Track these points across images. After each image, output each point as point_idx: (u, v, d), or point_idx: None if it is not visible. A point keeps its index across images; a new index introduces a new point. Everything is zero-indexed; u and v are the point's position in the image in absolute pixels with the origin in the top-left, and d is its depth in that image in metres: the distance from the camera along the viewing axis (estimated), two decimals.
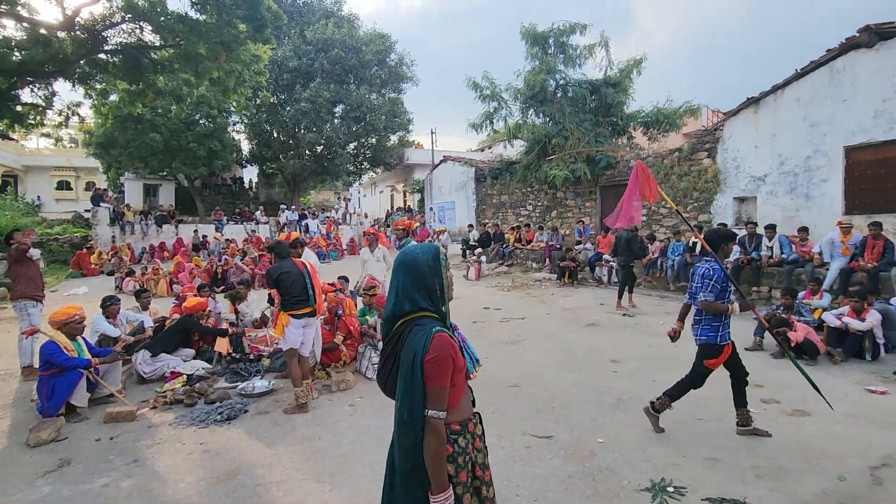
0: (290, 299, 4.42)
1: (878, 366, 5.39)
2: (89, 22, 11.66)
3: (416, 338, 1.57)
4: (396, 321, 1.67)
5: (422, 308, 1.65)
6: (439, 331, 1.58)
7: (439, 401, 1.54)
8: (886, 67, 7.93)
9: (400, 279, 1.68)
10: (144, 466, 3.49)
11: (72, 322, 4.50)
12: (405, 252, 1.72)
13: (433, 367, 1.52)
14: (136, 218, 18.74)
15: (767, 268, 8.49)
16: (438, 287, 1.70)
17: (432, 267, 1.69)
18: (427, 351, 1.53)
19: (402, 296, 1.66)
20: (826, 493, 2.93)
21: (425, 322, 1.62)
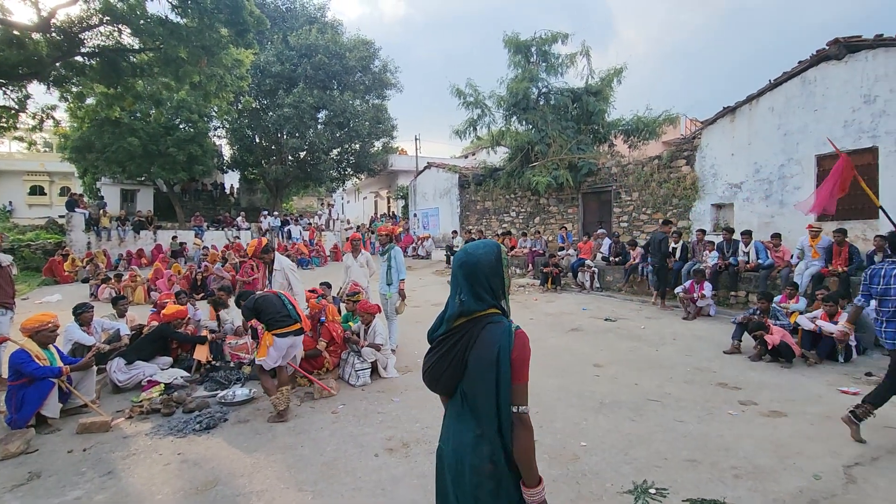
0: (273, 319, 4.31)
1: (850, 367, 5.56)
2: (65, 24, 11.44)
3: (495, 334, 1.57)
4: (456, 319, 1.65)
5: (491, 305, 1.64)
6: (518, 328, 1.59)
7: (525, 396, 1.55)
8: (855, 79, 8.24)
9: (464, 278, 1.65)
10: (119, 478, 3.39)
11: (44, 330, 4.36)
12: (467, 251, 1.70)
13: (520, 364, 1.54)
14: (112, 224, 18.31)
15: (744, 273, 8.68)
16: (502, 286, 1.70)
17: (495, 266, 1.68)
18: (513, 347, 1.54)
19: (469, 296, 1.63)
20: (802, 491, 2.99)
21: (499, 319, 1.62)
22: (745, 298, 8.65)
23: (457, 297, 1.65)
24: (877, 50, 7.94)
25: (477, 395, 1.58)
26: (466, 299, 1.63)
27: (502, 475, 1.55)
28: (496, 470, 1.54)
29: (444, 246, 17.77)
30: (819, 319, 5.82)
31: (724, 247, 9.09)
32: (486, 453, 1.55)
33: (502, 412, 1.53)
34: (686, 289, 8.34)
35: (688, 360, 5.85)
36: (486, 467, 1.55)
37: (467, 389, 1.60)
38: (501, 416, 1.54)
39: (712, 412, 4.27)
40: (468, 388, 1.60)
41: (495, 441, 1.55)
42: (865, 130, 8.13)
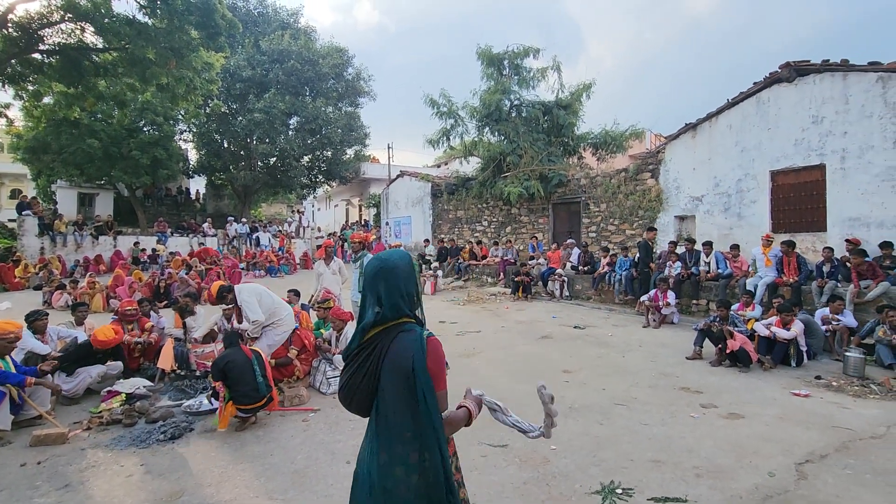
0: (240, 394, 4.12)
1: (802, 371, 5.87)
2: (24, 19, 10.98)
3: (407, 344, 1.52)
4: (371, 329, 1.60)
5: (404, 314, 1.60)
6: (431, 334, 1.57)
7: (446, 401, 1.56)
8: (804, 100, 8.78)
9: (381, 287, 1.61)
10: (77, 491, 3.25)
11: (3, 339, 4.15)
12: (383, 259, 1.66)
13: (435, 371, 1.51)
14: (69, 229, 17.50)
15: (705, 282, 9.06)
16: (416, 292, 1.67)
17: (409, 273, 1.65)
18: (427, 356, 1.50)
19: (386, 304, 1.59)
20: (758, 488, 3.15)
21: (411, 327, 1.58)
22: (706, 306, 9.01)
23: (373, 307, 1.61)
24: (823, 74, 8.50)
25: (390, 411, 1.51)
26: (384, 308, 1.59)
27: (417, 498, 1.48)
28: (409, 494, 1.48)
29: (417, 254, 17.77)
30: (774, 326, 6.12)
31: (687, 257, 9.47)
32: (399, 475, 1.48)
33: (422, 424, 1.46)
34: (651, 297, 8.62)
35: (652, 366, 6.05)
36: (400, 490, 1.48)
37: (381, 405, 1.53)
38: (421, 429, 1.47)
39: (675, 415, 4.43)
40: (381, 403, 1.53)
41: (411, 460, 1.48)
42: (814, 149, 8.67)
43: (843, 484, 3.19)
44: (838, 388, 5.22)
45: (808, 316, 6.59)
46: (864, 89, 7.98)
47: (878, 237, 7.64)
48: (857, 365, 5.58)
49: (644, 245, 10.02)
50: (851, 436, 3.94)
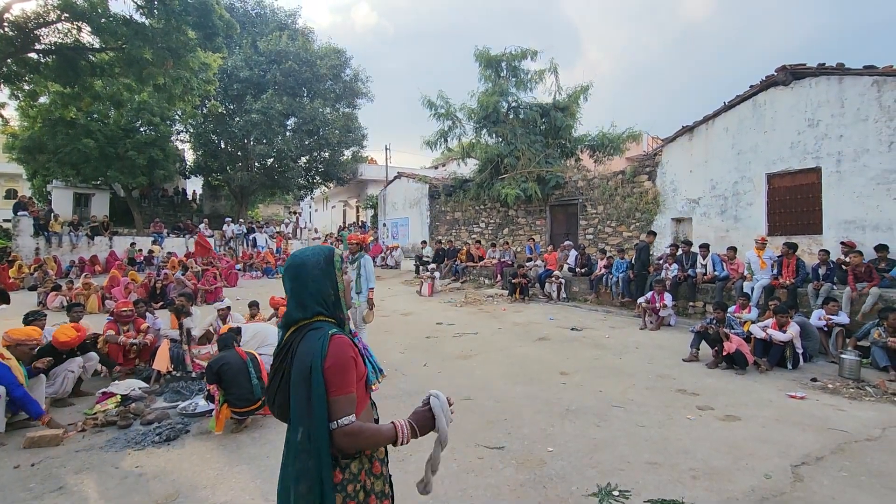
0: (235, 397, 4.08)
1: (798, 373, 5.88)
2: (20, 19, 10.94)
3: (311, 343, 1.41)
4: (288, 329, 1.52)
5: (316, 313, 1.51)
6: (337, 332, 1.45)
7: (349, 407, 1.38)
8: (800, 104, 8.83)
9: (289, 284, 1.54)
10: (71, 493, 3.23)
11: (25, 345, 4.17)
12: (293, 255, 1.60)
13: (336, 373, 1.37)
14: (64, 229, 17.42)
15: (702, 284, 9.08)
16: (333, 292, 1.56)
17: (325, 270, 1.55)
18: (326, 356, 1.38)
19: (293, 302, 1.52)
20: (754, 490, 3.15)
21: (320, 325, 1.48)
22: (702, 309, 9.03)
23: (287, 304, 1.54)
24: (819, 78, 8.55)
25: (293, 417, 1.40)
26: (290, 307, 1.52)
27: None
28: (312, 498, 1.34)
29: (414, 256, 17.77)
30: (770, 328, 6.14)
31: (684, 259, 9.49)
32: (303, 491, 1.35)
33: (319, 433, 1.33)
34: (648, 299, 8.64)
35: (649, 368, 6.06)
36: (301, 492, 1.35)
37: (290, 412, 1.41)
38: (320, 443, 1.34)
39: (672, 417, 4.44)
40: (291, 409, 1.41)
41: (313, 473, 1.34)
42: (810, 152, 8.71)
43: (838, 486, 3.20)
44: (834, 390, 5.24)
45: (803, 318, 6.62)
46: (859, 93, 8.03)
47: (873, 240, 7.68)
48: (852, 367, 5.60)
49: (643, 248, 10.05)
50: (847, 438, 3.96)
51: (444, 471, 3.42)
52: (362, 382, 1.50)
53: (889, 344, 5.74)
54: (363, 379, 1.51)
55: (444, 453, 1.63)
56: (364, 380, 1.52)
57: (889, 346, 5.75)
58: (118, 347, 5.73)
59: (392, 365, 6.27)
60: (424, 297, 12.52)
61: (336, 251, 1.65)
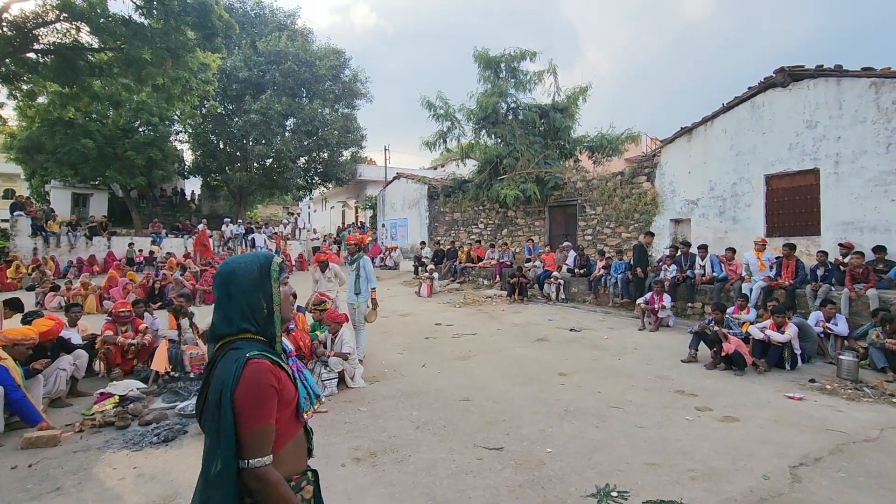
0: None
1: (796, 374, 5.89)
2: (19, 19, 10.93)
3: (227, 365, 1.28)
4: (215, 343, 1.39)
5: (242, 330, 1.36)
6: (256, 356, 1.29)
7: (262, 443, 1.24)
8: (798, 105, 8.85)
9: (216, 294, 1.40)
10: (69, 495, 3.22)
11: (22, 344, 4.14)
12: (224, 262, 1.47)
13: (247, 404, 1.22)
14: (62, 229, 17.38)
15: (700, 285, 9.09)
16: (266, 305, 1.40)
17: (257, 280, 1.40)
18: (238, 382, 1.23)
19: (218, 314, 1.39)
20: (752, 490, 3.16)
21: (242, 345, 1.33)
22: (701, 309, 9.04)
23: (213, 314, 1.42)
24: (817, 79, 8.57)
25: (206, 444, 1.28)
26: (215, 318, 1.39)
27: None
28: None
29: (413, 257, 17.77)
30: (768, 329, 6.15)
31: (682, 260, 9.50)
32: None
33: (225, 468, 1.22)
34: (647, 300, 8.65)
35: (648, 369, 6.06)
36: None
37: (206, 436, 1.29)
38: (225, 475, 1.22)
39: (671, 418, 4.44)
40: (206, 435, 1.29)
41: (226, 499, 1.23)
42: (808, 153, 8.73)
43: (837, 487, 3.20)
44: (832, 391, 5.25)
45: (802, 319, 6.62)
46: (857, 94, 8.05)
47: (871, 241, 7.70)
48: (850, 368, 5.61)
49: (639, 248, 10.06)
50: (845, 439, 3.96)
51: (443, 471, 3.42)
52: (290, 409, 1.35)
53: (887, 345, 5.75)
54: (291, 405, 1.35)
55: (443, 454, 1.59)
56: (292, 406, 1.36)
57: (887, 347, 5.76)
58: (116, 348, 5.72)
59: (391, 366, 6.27)
60: (423, 297, 12.52)
61: (275, 259, 1.48)
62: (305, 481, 1.40)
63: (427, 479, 3.33)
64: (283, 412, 1.32)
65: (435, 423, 4.31)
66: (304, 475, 1.41)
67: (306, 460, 1.45)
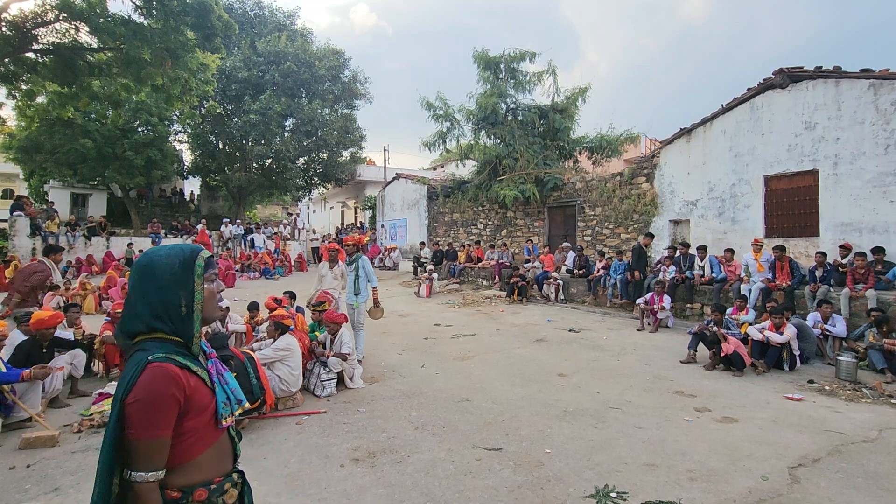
0: None
1: (795, 375, 5.90)
2: (18, 18, 10.91)
3: (128, 368, 1.20)
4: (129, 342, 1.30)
5: (153, 328, 1.26)
6: (158, 359, 1.19)
7: (149, 457, 1.15)
8: (797, 106, 8.86)
9: (130, 287, 1.30)
10: (67, 495, 3.21)
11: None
12: (143, 254, 1.35)
13: (138, 412, 1.14)
14: (61, 229, 17.36)
15: (699, 286, 9.10)
16: (184, 302, 1.29)
17: (177, 275, 1.29)
18: (131, 389, 1.15)
19: (128, 309, 1.29)
20: (751, 491, 3.16)
21: (149, 347, 1.23)
22: (700, 310, 9.05)
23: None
24: (816, 81, 8.58)
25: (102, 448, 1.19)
26: (124, 314, 1.29)
27: None
28: None
29: (412, 257, 17.77)
30: (767, 330, 6.16)
31: (682, 261, 9.51)
32: None
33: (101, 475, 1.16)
34: (647, 300, 8.65)
35: (647, 370, 6.06)
36: None
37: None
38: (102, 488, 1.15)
39: (669, 419, 4.44)
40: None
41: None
42: (807, 154, 8.74)
43: (835, 487, 3.21)
44: (831, 392, 5.26)
45: (800, 320, 6.63)
46: (855, 96, 8.06)
47: (869, 242, 7.71)
48: (849, 369, 5.61)
49: (637, 249, 10.06)
50: (844, 439, 3.97)
51: (442, 472, 3.42)
52: (204, 417, 1.26)
53: (886, 346, 5.76)
54: (205, 413, 1.27)
55: (442, 455, 1.58)
56: (207, 413, 1.27)
57: (886, 348, 5.77)
58: (115, 348, 5.71)
59: (390, 366, 6.27)
60: (422, 298, 12.52)
61: (202, 253, 1.36)
62: (229, 483, 1.32)
63: (426, 479, 3.33)
64: (198, 418, 1.25)
65: (434, 424, 4.31)
66: (227, 477, 1.33)
67: (231, 463, 1.37)
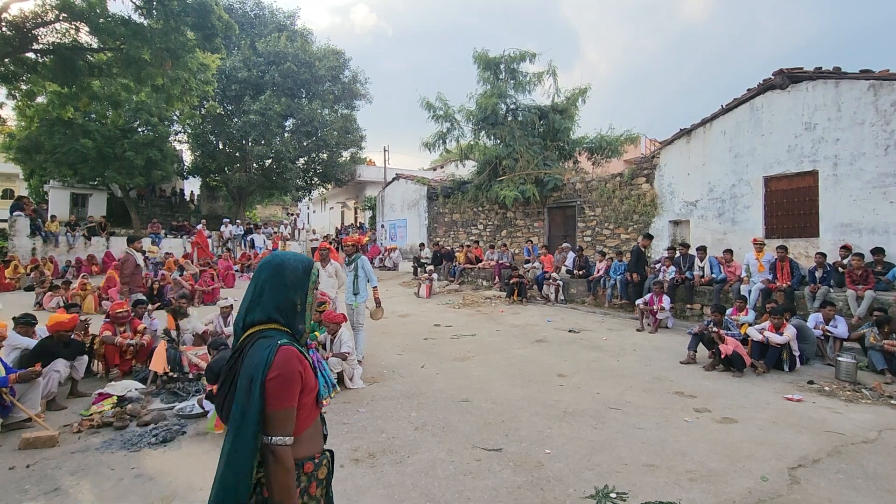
0: None
1: (795, 376, 5.90)
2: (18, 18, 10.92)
3: (259, 352, 1.38)
4: (242, 332, 1.48)
5: (273, 320, 1.47)
6: (286, 343, 1.40)
7: (285, 424, 1.34)
8: (797, 107, 8.86)
9: (259, 281, 1.49)
10: (67, 495, 3.21)
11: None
12: (274, 254, 1.57)
13: (277, 386, 1.33)
14: (61, 229, 17.36)
15: (699, 286, 9.10)
16: (300, 302, 1.53)
17: (299, 278, 1.52)
18: (270, 367, 1.34)
19: (254, 301, 1.48)
20: (751, 492, 3.16)
21: (272, 334, 1.43)
22: (700, 311, 9.05)
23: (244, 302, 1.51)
24: (816, 81, 8.59)
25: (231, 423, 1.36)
26: (250, 304, 1.48)
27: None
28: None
29: (412, 257, 17.77)
30: (766, 331, 6.16)
31: (681, 261, 9.51)
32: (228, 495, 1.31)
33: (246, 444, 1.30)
34: (647, 301, 8.65)
35: (647, 370, 6.06)
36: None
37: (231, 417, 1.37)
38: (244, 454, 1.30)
39: (669, 419, 4.44)
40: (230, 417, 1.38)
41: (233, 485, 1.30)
42: (807, 155, 8.74)
43: (835, 488, 3.21)
44: (831, 392, 5.26)
45: (800, 321, 6.63)
46: (855, 97, 8.07)
47: (869, 243, 7.71)
48: (849, 370, 5.61)
49: (636, 251, 10.01)
50: (844, 440, 3.97)
51: (442, 472, 3.42)
52: (312, 396, 1.45)
53: (885, 347, 5.76)
54: (313, 392, 1.45)
55: (442, 455, 1.65)
56: (314, 394, 1.46)
57: (886, 349, 5.77)
58: (115, 348, 5.71)
59: (390, 367, 6.26)
60: (422, 298, 12.52)
61: (316, 265, 1.61)
62: (325, 460, 1.52)
63: (426, 480, 3.33)
64: (307, 398, 1.42)
65: (434, 424, 4.31)
66: (323, 454, 1.52)
67: (322, 442, 1.55)
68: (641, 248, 10.09)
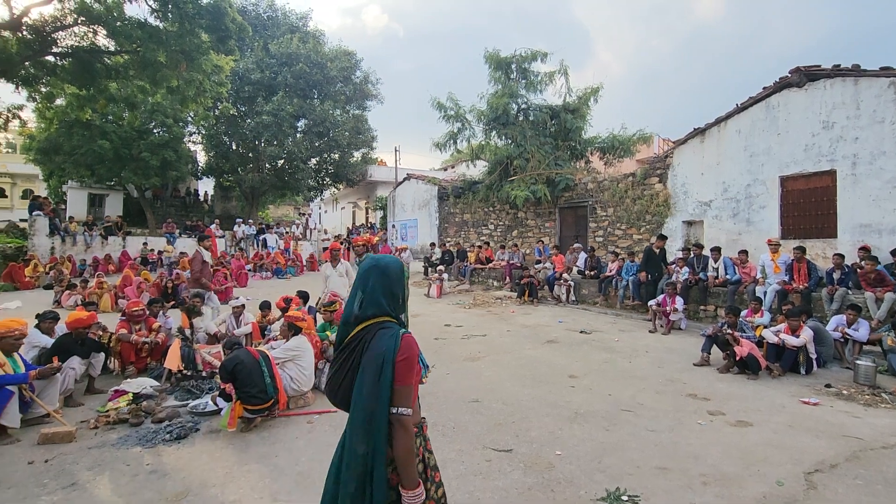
0: (248, 394, 4.12)
1: (812, 379, 5.79)
2: (38, 22, 11.15)
3: (384, 339, 1.63)
4: (355, 326, 1.71)
5: (386, 313, 1.71)
6: (407, 332, 1.68)
7: (408, 398, 1.60)
8: (815, 105, 8.71)
9: (370, 283, 1.73)
10: (84, 490, 3.27)
11: (9, 337, 4.18)
12: (377, 258, 1.80)
13: (404, 366, 1.60)
14: (79, 229, 17.70)
15: (713, 287, 8.97)
16: (402, 296, 1.79)
17: (399, 277, 1.77)
18: (399, 350, 1.61)
19: (368, 300, 1.71)
20: (766, 497, 3.11)
21: (390, 325, 1.69)
22: (714, 312, 8.93)
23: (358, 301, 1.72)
24: (834, 79, 8.43)
25: (358, 401, 1.61)
26: (366, 302, 1.71)
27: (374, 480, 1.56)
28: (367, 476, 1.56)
29: (423, 258, 17.79)
30: (782, 333, 6.05)
31: (695, 262, 9.39)
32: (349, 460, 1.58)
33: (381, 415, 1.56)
34: (659, 302, 8.56)
35: (659, 372, 6.00)
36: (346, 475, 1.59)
37: (355, 396, 1.63)
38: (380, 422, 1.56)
39: (682, 422, 4.39)
40: (356, 395, 1.62)
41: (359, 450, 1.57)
42: (824, 154, 8.58)
43: (853, 494, 3.14)
44: (849, 396, 5.15)
45: (817, 323, 6.50)
46: (875, 94, 7.90)
47: (889, 244, 7.55)
48: (868, 373, 5.49)
49: (647, 251, 9.89)
50: (862, 445, 3.88)
51: (452, 473, 3.41)
52: (419, 375, 1.70)
53: None
54: (419, 373, 1.70)
55: (452, 455, 1.80)
56: (420, 372, 1.71)
57: None
58: (130, 346, 5.81)
59: None
60: (433, 298, 12.53)
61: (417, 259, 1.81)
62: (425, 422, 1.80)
63: None
64: (418, 375, 1.68)
65: (444, 425, 4.31)
66: (423, 419, 1.80)
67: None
68: (654, 249, 9.94)
